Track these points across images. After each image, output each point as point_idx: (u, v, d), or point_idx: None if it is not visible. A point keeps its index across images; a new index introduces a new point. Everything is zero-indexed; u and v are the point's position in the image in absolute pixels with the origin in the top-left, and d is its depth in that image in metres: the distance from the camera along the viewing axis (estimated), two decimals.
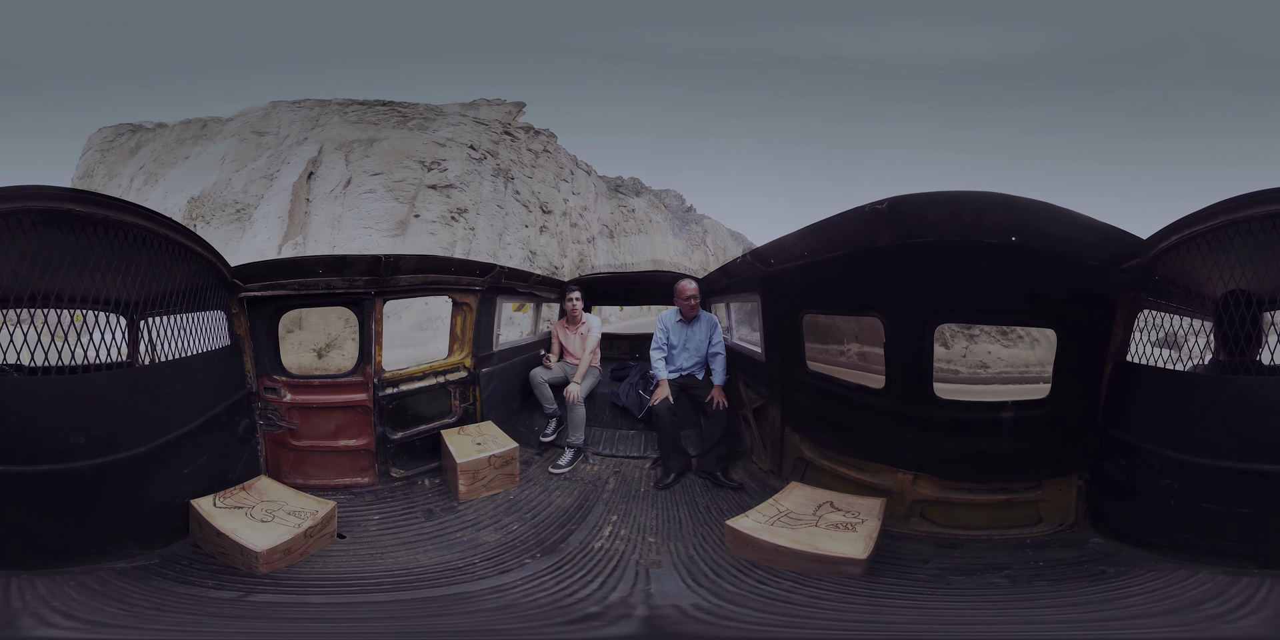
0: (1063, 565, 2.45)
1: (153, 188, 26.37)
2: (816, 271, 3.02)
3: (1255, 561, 2.05)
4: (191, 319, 2.89)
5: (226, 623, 2.11)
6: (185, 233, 2.69)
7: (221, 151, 25.93)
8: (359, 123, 26.00)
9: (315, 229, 22.34)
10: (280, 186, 23.25)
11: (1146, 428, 2.40)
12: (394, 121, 26.30)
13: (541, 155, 29.93)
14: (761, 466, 3.85)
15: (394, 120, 26.37)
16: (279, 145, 25.44)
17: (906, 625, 2.14)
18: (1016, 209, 2.28)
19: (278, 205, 22.78)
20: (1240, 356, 2.30)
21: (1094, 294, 2.52)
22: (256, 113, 27.44)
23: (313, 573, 2.55)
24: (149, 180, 27.04)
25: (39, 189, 2.12)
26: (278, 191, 23.15)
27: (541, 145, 30.24)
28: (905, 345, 2.78)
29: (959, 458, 2.77)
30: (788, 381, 3.54)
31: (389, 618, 2.24)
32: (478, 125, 27.11)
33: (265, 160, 24.86)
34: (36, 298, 2.23)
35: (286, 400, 3.50)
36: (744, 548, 2.65)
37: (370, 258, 3.46)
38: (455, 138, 25.98)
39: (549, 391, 4.64)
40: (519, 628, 2.18)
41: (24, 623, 1.82)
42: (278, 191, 23.15)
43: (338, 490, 3.52)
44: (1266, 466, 2.04)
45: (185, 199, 24.05)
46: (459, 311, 4.35)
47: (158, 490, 2.58)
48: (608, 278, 6.35)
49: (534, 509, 3.46)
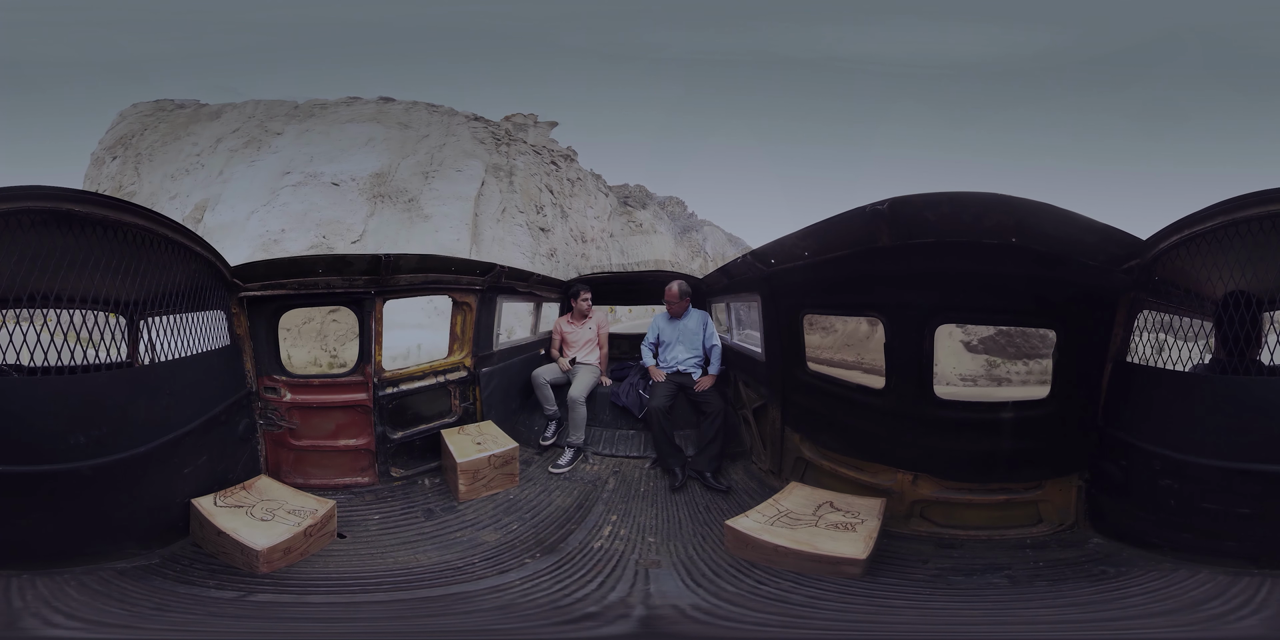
0: (1063, 565, 2.45)
1: (263, 153, 27.32)
2: (817, 271, 3.02)
3: (1255, 561, 2.05)
4: (191, 319, 2.89)
5: (227, 622, 2.11)
6: (185, 233, 2.69)
7: (368, 134, 27.13)
8: (484, 142, 27.89)
9: (485, 244, 24.52)
10: (460, 194, 25.35)
11: (1146, 428, 2.40)
12: (494, 141, 28.19)
13: (576, 183, 31.56)
14: (761, 466, 3.85)
15: (493, 140, 28.25)
16: (429, 145, 26.97)
17: (906, 625, 2.14)
18: (1017, 209, 2.28)
19: (459, 211, 24.83)
20: (1240, 357, 2.30)
21: (1094, 294, 2.51)
22: (398, 107, 28.65)
23: (313, 572, 2.56)
24: (249, 144, 27.82)
25: (39, 189, 2.12)
26: (456, 199, 25.19)
27: (575, 172, 31.93)
28: (905, 345, 2.78)
29: (959, 458, 2.77)
30: (788, 381, 3.54)
31: (389, 617, 2.24)
32: (536, 156, 28.87)
33: (423, 157, 26.39)
34: (36, 298, 2.23)
35: (286, 400, 3.50)
36: (743, 548, 2.66)
37: (370, 257, 3.46)
38: (530, 168, 28.07)
39: (550, 393, 4.65)
40: (518, 627, 2.18)
41: (26, 623, 1.82)
42: (456, 199, 25.19)
43: (338, 490, 3.52)
44: (1266, 466, 2.03)
45: (337, 170, 25.63)
46: (459, 311, 4.35)
47: (158, 490, 2.58)
48: (608, 277, 6.38)
49: (534, 509, 3.46)
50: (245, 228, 24.54)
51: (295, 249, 22.19)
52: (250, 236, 24.07)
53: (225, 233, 24.53)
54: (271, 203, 25.14)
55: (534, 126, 30.82)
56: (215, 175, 26.68)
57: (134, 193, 27.81)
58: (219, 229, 24.59)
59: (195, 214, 25.36)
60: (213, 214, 25.38)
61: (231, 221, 24.85)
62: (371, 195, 24.78)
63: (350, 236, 24.02)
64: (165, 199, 26.62)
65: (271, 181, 25.77)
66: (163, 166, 28.36)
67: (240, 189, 25.84)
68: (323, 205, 24.61)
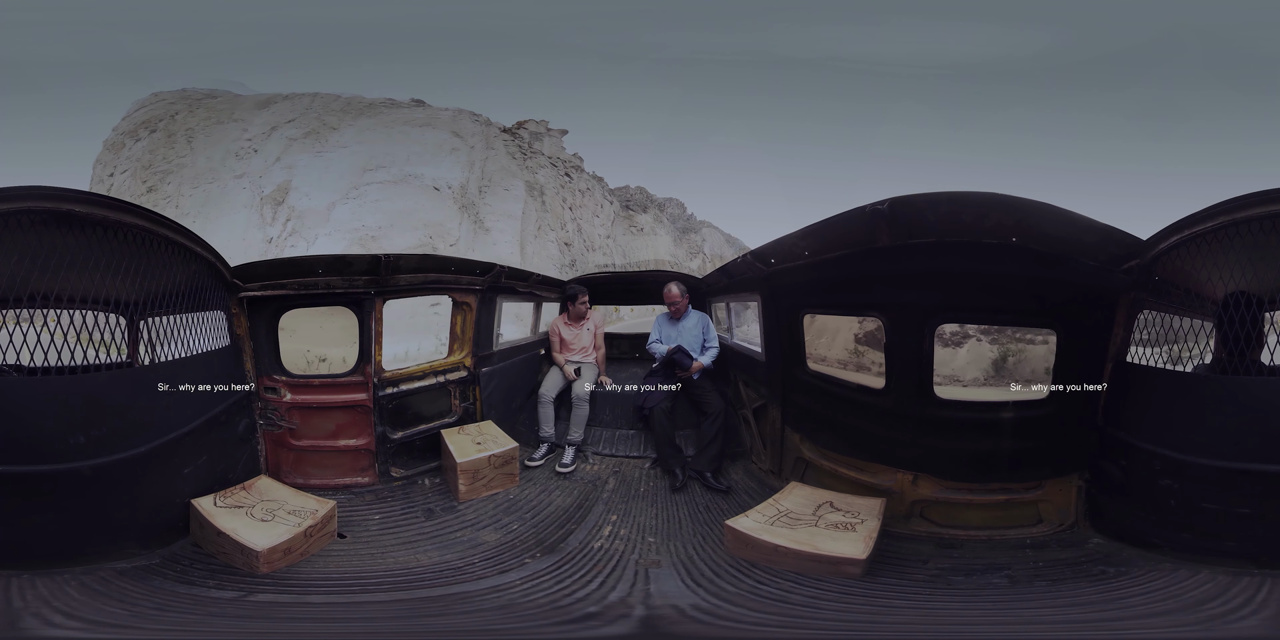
0: (1063, 565, 2.45)
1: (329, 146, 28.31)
2: (817, 271, 3.02)
3: (1255, 561, 2.05)
4: (191, 319, 2.89)
5: (227, 622, 2.11)
6: (185, 233, 2.69)
7: (436, 140, 28.49)
8: (515, 157, 29.72)
9: (528, 259, 25.82)
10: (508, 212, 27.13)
11: (1146, 428, 2.40)
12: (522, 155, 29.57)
13: (585, 194, 32.43)
14: (761, 466, 3.85)
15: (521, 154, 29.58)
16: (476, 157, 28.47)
17: (906, 625, 2.15)
18: (1017, 209, 2.28)
19: (510, 228, 26.60)
20: (1240, 357, 2.30)
21: (1094, 294, 2.51)
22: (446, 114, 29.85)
23: (313, 572, 2.56)
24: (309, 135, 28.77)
25: (39, 189, 2.12)
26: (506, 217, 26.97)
27: (586, 183, 32.84)
28: (905, 345, 2.78)
29: (959, 458, 2.77)
30: (788, 381, 3.54)
31: (389, 617, 2.24)
32: (553, 169, 29.77)
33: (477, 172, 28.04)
34: (36, 298, 2.23)
35: (286, 400, 3.50)
36: (744, 548, 2.65)
37: (370, 257, 3.46)
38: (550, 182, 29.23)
39: (551, 413, 4.52)
40: (518, 627, 2.18)
41: (26, 623, 1.83)
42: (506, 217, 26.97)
43: (338, 490, 3.52)
44: (1266, 466, 2.03)
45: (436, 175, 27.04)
46: (459, 311, 4.35)
47: (158, 490, 2.58)
48: (608, 278, 6.37)
49: (534, 509, 3.46)
50: (329, 218, 25.38)
51: (399, 246, 22.99)
52: (341, 229, 24.93)
53: (305, 220, 25.37)
54: (358, 197, 25.97)
55: (548, 135, 31.71)
56: (273, 160, 27.52)
57: (184, 165, 28.30)
58: (306, 213, 25.52)
59: (277, 195, 26.08)
60: (295, 198, 25.90)
61: (310, 209, 25.71)
62: (460, 204, 26.23)
63: (449, 239, 25.28)
64: (230, 177, 27.42)
65: (351, 176, 26.72)
66: (217, 144, 28.87)
67: (311, 178, 26.68)
68: (427, 207, 25.89)
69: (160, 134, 29.91)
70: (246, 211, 26.47)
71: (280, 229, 25.85)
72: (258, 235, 25.66)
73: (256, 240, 25.35)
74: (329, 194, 26.19)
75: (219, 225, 25.54)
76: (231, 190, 27.21)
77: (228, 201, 26.90)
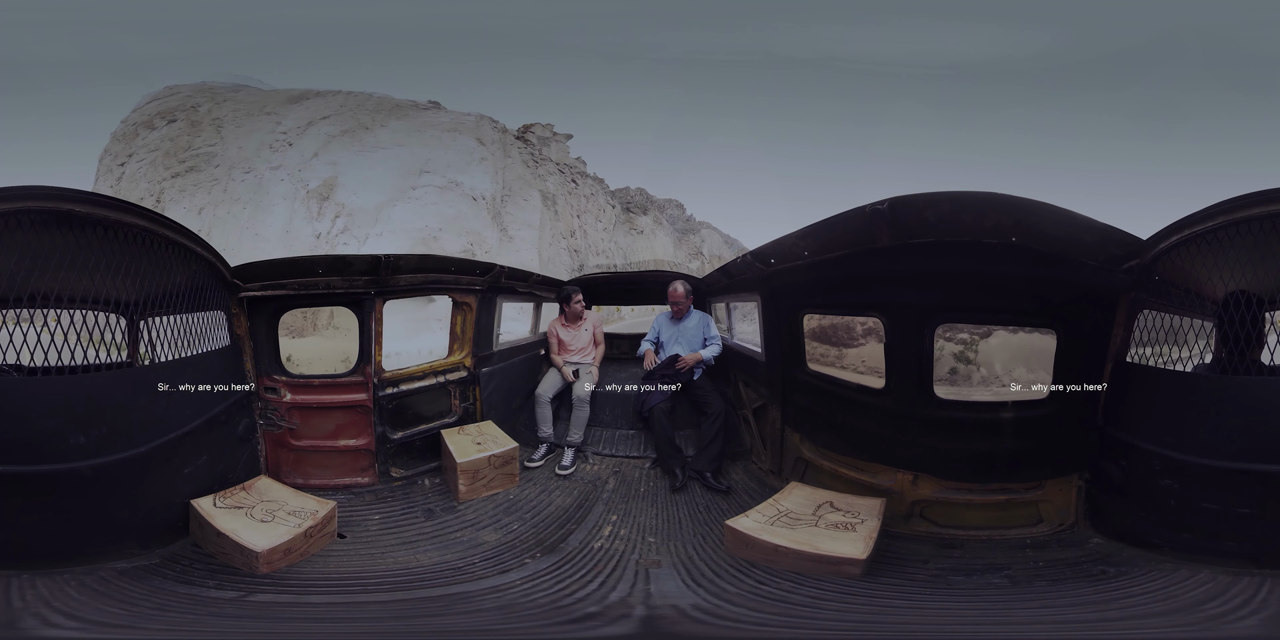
0: (1063, 565, 2.45)
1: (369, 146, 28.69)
2: (816, 271, 3.02)
3: (1255, 561, 2.06)
4: (191, 319, 2.89)
5: (227, 622, 2.11)
6: (185, 233, 2.69)
7: (465, 146, 28.87)
8: (528, 164, 30.35)
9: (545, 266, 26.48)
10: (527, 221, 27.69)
11: (1146, 428, 2.40)
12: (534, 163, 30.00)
13: (590, 199, 32.91)
14: (761, 466, 3.85)
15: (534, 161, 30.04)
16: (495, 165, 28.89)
17: (906, 626, 2.15)
18: (1017, 209, 2.28)
19: (530, 237, 27.11)
20: (1241, 357, 2.30)
21: (1094, 294, 2.51)
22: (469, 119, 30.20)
23: (313, 573, 2.56)
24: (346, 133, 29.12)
25: (39, 189, 2.12)
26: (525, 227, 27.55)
27: (590, 188, 33.35)
28: (905, 345, 2.78)
29: (959, 458, 2.77)
30: (788, 381, 3.54)
31: (389, 618, 2.24)
32: (561, 176, 30.28)
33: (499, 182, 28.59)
34: (36, 298, 2.23)
35: (286, 400, 3.50)
36: (744, 548, 2.66)
37: (370, 257, 3.46)
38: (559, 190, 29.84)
39: (549, 413, 4.53)
40: (518, 627, 2.18)
41: (26, 623, 1.83)
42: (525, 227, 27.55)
43: (338, 490, 3.52)
44: (1266, 466, 2.04)
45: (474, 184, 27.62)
46: (459, 311, 4.35)
47: (158, 490, 2.58)
48: (608, 277, 6.37)
49: (534, 509, 3.46)
50: (378, 217, 25.62)
51: (450, 249, 23.38)
52: (400, 229, 25.15)
53: (355, 218, 25.55)
54: (413, 200, 26.24)
55: (554, 140, 32.10)
56: (311, 155, 27.77)
57: (215, 153, 28.39)
58: (357, 212, 25.70)
59: (322, 190, 26.36)
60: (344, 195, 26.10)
61: (360, 207, 25.95)
62: (491, 213, 26.90)
63: (485, 248, 25.81)
64: (266, 168, 27.56)
65: (398, 177, 27.10)
66: (250, 134, 29.04)
67: (357, 176, 26.91)
68: (468, 215, 26.56)
69: (182, 123, 29.96)
70: (287, 203, 26.43)
71: (330, 225, 25.87)
72: (305, 230, 25.61)
73: (304, 235, 25.30)
74: (378, 193, 26.30)
75: (271, 214, 25.58)
76: (269, 181, 27.22)
77: (266, 192, 26.88)
